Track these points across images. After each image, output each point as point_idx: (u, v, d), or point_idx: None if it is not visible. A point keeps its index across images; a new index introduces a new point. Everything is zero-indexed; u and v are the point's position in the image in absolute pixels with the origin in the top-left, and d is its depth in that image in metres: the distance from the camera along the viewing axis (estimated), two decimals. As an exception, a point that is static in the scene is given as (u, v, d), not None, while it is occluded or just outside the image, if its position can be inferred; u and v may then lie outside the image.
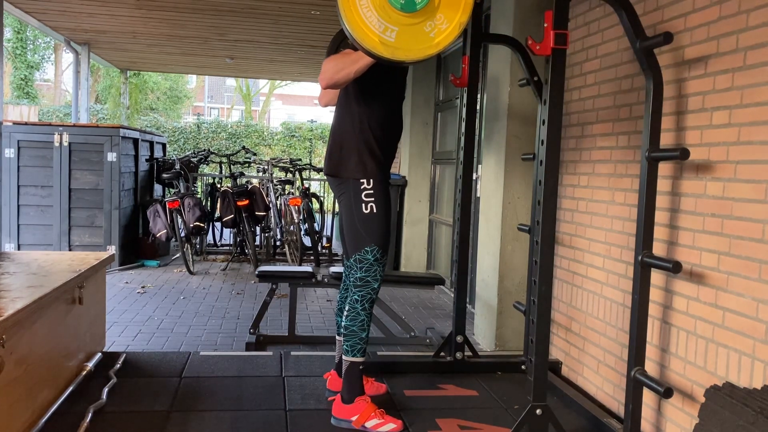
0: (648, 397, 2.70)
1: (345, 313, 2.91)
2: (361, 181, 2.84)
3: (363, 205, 2.84)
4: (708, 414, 2.35)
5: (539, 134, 2.63)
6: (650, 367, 2.74)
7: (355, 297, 2.88)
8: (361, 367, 2.91)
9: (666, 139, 2.68)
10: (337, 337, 3.23)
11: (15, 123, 6.76)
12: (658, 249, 2.71)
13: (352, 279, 2.92)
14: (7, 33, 18.36)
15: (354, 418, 2.82)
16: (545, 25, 2.49)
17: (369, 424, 2.81)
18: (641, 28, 2.52)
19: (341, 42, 3.09)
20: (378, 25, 2.32)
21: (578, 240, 3.51)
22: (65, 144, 6.51)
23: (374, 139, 2.87)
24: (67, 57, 20.15)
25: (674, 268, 2.38)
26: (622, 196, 3.09)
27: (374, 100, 2.87)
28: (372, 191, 2.84)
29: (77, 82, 9.20)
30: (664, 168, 2.70)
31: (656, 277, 2.70)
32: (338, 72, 2.70)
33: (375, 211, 2.84)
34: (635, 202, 2.75)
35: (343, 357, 2.91)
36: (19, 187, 6.49)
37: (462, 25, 2.38)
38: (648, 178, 2.51)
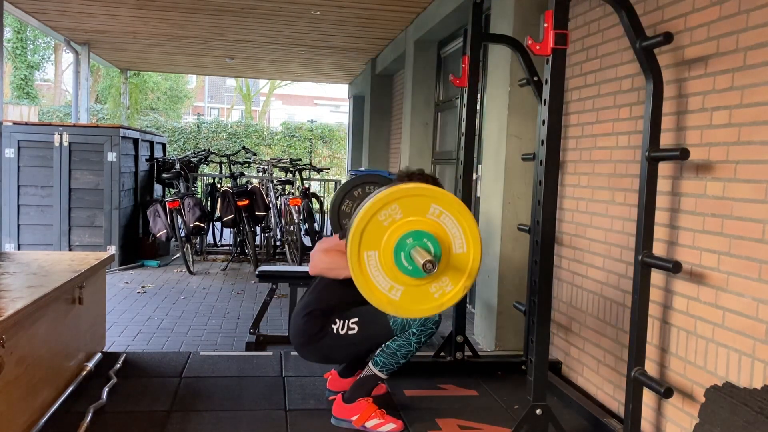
0: (648, 397, 2.70)
1: (397, 337, 2.84)
2: (330, 329, 2.86)
3: (349, 333, 2.85)
4: (708, 414, 2.35)
5: (539, 134, 2.62)
6: (650, 367, 2.74)
7: (414, 330, 2.81)
8: (379, 382, 2.93)
9: (666, 139, 2.68)
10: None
11: (15, 123, 6.76)
12: (658, 249, 2.71)
13: (412, 329, 2.85)
14: (7, 33, 18.35)
15: (354, 418, 2.82)
16: (545, 25, 2.49)
17: (369, 424, 2.81)
18: (641, 28, 2.52)
19: (348, 193, 3.12)
20: (385, 284, 2.37)
21: (578, 240, 3.51)
22: (65, 144, 6.51)
23: (349, 299, 2.82)
24: (67, 57, 20.14)
25: (674, 268, 2.38)
26: (622, 196, 3.09)
27: (351, 299, 2.83)
28: (340, 322, 2.85)
29: (77, 82, 9.20)
30: (664, 168, 2.70)
31: (656, 277, 2.70)
32: (330, 270, 2.83)
33: (357, 319, 2.84)
34: (635, 202, 2.75)
35: (370, 365, 2.88)
36: (19, 187, 6.49)
37: (466, 288, 2.44)
38: (648, 178, 2.51)
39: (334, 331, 2.86)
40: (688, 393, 2.54)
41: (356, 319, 2.85)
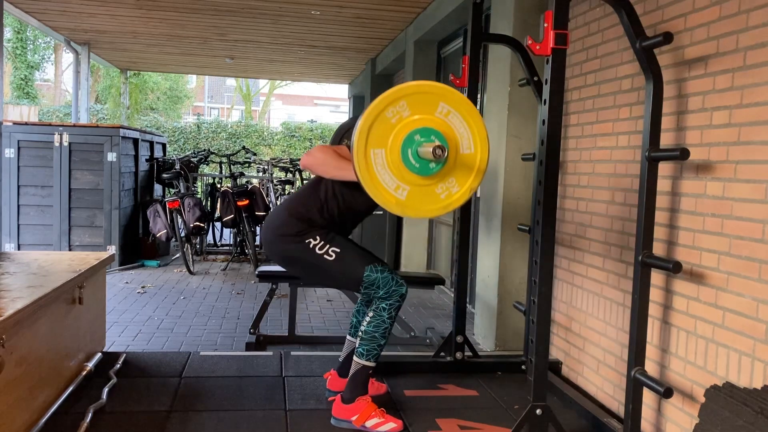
0: (648, 397, 2.70)
1: (368, 317, 2.86)
2: (307, 242, 2.81)
3: (324, 256, 2.81)
4: (708, 414, 2.35)
5: (539, 134, 2.62)
6: (650, 367, 2.74)
7: (383, 305, 2.83)
8: (370, 372, 2.90)
9: (666, 139, 2.68)
10: (348, 338, 3.21)
11: (15, 123, 6.77)
12: (658, 249, 2.71)
13: (376, 298, 2.86)
14: (7, 33, 18.36)
15: (354, 418, 2.82)
16: (545, 25, 2.49)
17: (369, 424, 2.80)
18: (641, 28, 2.52)
19: (345, 133, 3.10)
20: (391, 183, 2.36)
21: (578, 240, 3.51)
22: (65, 144, 6.51)
23: (324, 222, 2.84)
24: (67, 57, 20.15)
25: (674, 268, 2.38)
26: (622, 196, 3.09)
27: (342, 200, 2.86)
28: (321, 242, 2.81)
29: (77, 82, 9.20)
30: (664, 168, 2.70)
31: (656, 277, 2.70)
32: (321, 166, 2.73)
33: (339, 250, 2.82)
34: (635, 202, 2.75)
35: (356, 359, 2.88)
36: (19, 187, 6.49)
37: (473, 190, 2.42)
38: (648, 178, 2.51)
39: (310, 245, 2.80)
40: (688, 393, 2.54)
41: (338, 250, 2.81)
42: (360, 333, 2.88)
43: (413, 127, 2.34)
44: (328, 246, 2.82)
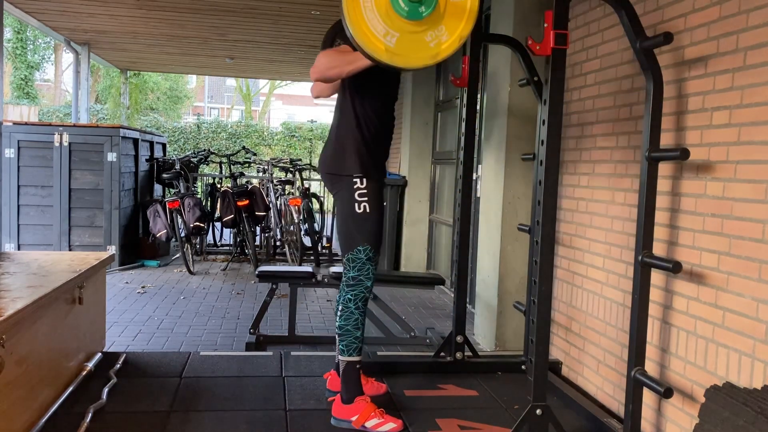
0: (648, 397, 2.70)
1: (339, 312, 2.91)
2: (355, 179, 2.85)
3: (356, 204, 2.85)
4: (708, 414, 2.35)
5: (539, 134, 2.62)
6: (650, 367, 2.74)
7: (348, 296, 2.88)
8: (358, 366, 2.90)
9: (666, 139, 2.68)
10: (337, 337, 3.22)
11: (15, 123, 6.76)
12: (658, 249, 2.71)
13: (344, 278, 2.92)
14: (7, 33, 18.36)
15: (354, 418, 2.82)
16: (545, 25, 2.49)
17: (369, 424, 2.80)
18: (641, 28, 2.52)
19: (336, 34, 3.08)
20: (380, 29, 2.32)
21: (578, 240, 3.51)
22: (65, 144, 6.51)
23: (369, 136, 2.88)
24: (67, 57, 20.14)
25: (674, 268, 2.38)
26: (622, 196, 3.09)
27: (368, 99, 2.88)
28: (365, 191, 2.85)
29: (77, 82, 9.21)
30: (664, 168, 2.70)
31: (656, 277, 2.70)
32: (331, 69, 2.72)
33: (368, 210, 2.85)
34: (635, 202, 2.75)
35: (339, 357, 2.91)
36: (19, 187, 6.49)
37: (462, 39, 2.38)
38: (648, 178, 2.51)
39: (354, 185, 2.84)
40: (688, 393, 2.54)
41: (368, 211, 2.85)
42: (336, 330, 2.92)
43: None
44: (366, 198, 2.85)
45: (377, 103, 2.91)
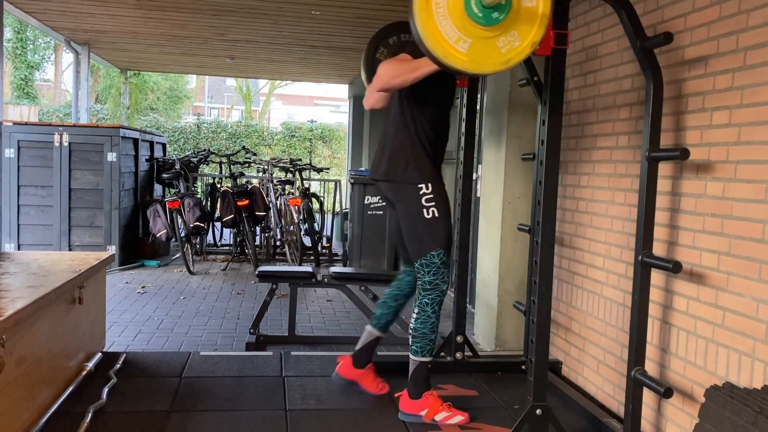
0: (648, 397, 2.70)
1: (414, 315, 2.94)
2: (419, 186, 2.88)
3: (425, 210, 2.87)
4: (708, 414, 2.35)
5: (539, 134, 2.62)
6: (650, 367, 2.74)
7: (425, 300, 2.92)
8: (429, 366, 2.97)
9: (666, 139, 2.68)
10: (368, 328, 3.25)
11: (15, 123, 6.76)
12: (658, 249, 2.71)
13: (420, 283, 2.94)
14: (7, 33, 18.36)
15: (423, 413, 2.90)
16: (545, 25, 2.49)
17: (438, 417, 2.89)
18: (641, 28, 2.52)
19: (381, 41, 3.07)
20: (453, 35, 2.30)
21: (578, 240, 3.51)
22: (65, 144, 6.51)
23: (428, 143, 2.93)
24: (67, 57, 20.14)
25: (674, 268, 2.38)
26: (622, 196, 3.09)
27: (427, 105, 2.92)
28: (432, 195, 2.88)
29: (77, 82, 9.19)
30: (664, 168, 2.70)
31: (656, 277, 2.70)
32: (395, 77, 2.73)
33: (437, 215, 2.88)
34: (635, 202, 2.75)
35: (412, 357, 2.96)
36: (19, 187, 6.49)
37: (534, 44, 2.37)
38: (648, 178, 2.51)
39: (420, 191, 2.87)
40: (688, 393, 2.54)
41: (437, 216, 2.87)
42: (410, 331, 2.96)
43: None
44: (434, 203, 2.88)
45: (434, 110, 2.95)
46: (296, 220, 7.33)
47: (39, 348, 2.67)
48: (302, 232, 7.43)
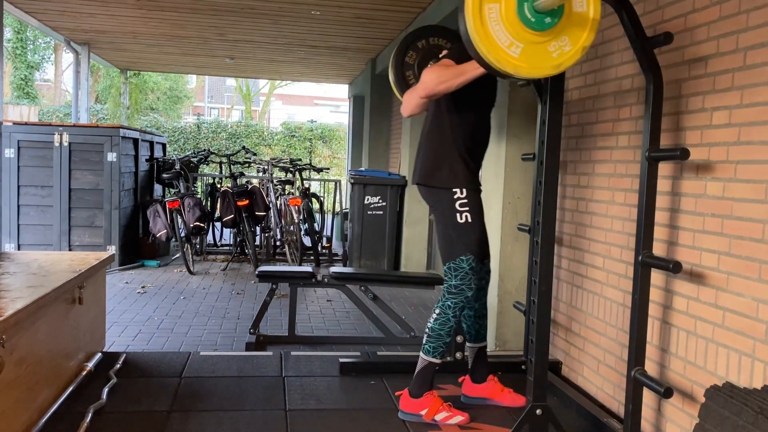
0: (648, 397, 2.70)
1: (435, 315, 2.95)
2: (454, 190, 2.89)
3: (458, 214, 2.89)
4: (708, 414, 2.35)
5: (539, 134, 2.63)
6: (650, 367, 2.74)
7: (449, 303, 2.93)
8: (437, 368, 2.98)
9: (666, 139, 2.68)
10: (468, 344, 3.25)
11: (15, 123, 6.77)
12: (658, 249, 2.71)
13: (446, 285, 2.95)
14: (7, 33, 18.36)
15: (423, 412, 2.90)
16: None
17: (438, 417, 2.89)
18: (641, 28, 2.52)
19: (410, 45, 3.08)
20: (505, 39, 2.30)
21: (578, 240, 3.51)
22: (65, 144, 6.52)
23: (465, 148, 2.93)
24: (67, 57, 20.14)
25: (674, 268, 2.38)
26: (622, 196, 3.09)
27: (466, 110, 2.93)
28: (466, 200, 2.89)
29: (77, 82, 9.20)
30: (664, 168, 2.70)
31: (656, 277, 2.70)
32: (441, 83, 2.73)
33: (470, 220, 2.89)
34: (635, 202, 2.74)
35: (422, 355, 2.97)
36: (19, 187, 6.49)
37: (585, 49, 2.38)
38: (648, 178, 2.51)
39: (455, 195, 2.89)
40: (688, 393, 2.54)
41: (470, 221, 2.89)
42: (426, 330, 2.97)
43: None
44: (468, 208, 2.89)
45: (473, 115, 2.97)
46: (296, 220, 7.34)
47: (39, 348, 2.67)
48: (302, 232, 7.43)
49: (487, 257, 3.08)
